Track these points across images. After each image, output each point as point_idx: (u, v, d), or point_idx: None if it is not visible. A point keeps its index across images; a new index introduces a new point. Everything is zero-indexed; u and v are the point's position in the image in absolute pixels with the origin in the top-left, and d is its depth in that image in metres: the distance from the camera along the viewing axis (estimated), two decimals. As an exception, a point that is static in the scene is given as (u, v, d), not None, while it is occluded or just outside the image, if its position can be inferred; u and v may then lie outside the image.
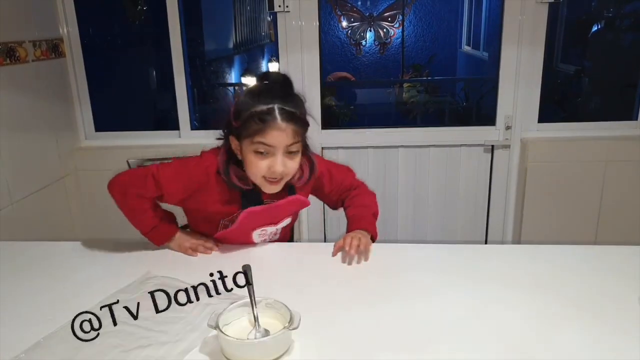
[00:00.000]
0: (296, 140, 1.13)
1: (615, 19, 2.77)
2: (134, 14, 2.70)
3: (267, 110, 1.10)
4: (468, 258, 1.20)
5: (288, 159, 1.14)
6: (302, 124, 1.14)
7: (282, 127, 1.10)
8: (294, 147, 1.14)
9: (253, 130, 1.11)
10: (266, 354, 0.82)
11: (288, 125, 1.11)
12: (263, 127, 1.10)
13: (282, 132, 1.10)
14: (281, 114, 1.10)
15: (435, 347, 0.86)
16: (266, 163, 1.13)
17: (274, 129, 1.10)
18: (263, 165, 1.13)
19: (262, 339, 0.82)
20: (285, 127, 1.10)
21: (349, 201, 1.36)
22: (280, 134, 1.10)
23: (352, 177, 1.38)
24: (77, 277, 1.13)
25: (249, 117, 1.11)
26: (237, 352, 0.82)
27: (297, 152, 1.16)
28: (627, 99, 2.44)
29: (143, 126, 2.66)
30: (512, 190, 2.41)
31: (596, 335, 0.88)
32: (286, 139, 1.11)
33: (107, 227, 2.46)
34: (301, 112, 1.15)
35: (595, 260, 1.17)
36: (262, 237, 1.29)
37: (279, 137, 1.10)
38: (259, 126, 1.10)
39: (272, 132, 1.10)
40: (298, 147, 1.15)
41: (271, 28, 3.88)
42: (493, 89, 2.37)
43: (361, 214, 1.32)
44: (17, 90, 2.03)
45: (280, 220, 1.28)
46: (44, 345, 0.88)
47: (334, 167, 1.35)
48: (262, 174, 1.14)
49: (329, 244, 1.26)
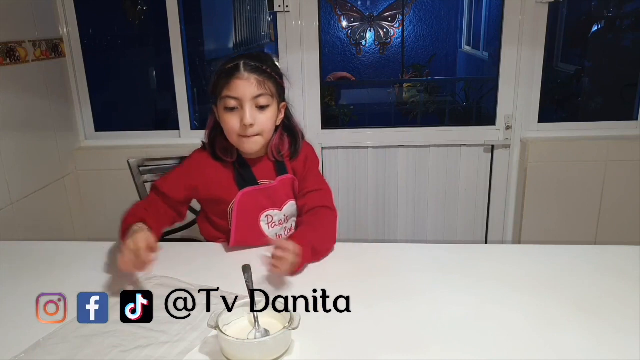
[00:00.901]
0: (264, 92, 1.17)
1: (615, 19, 2.77)
2: (134, 14, 2.70)
3: (232, 66, 1.17)
4: (468, 258, 1.20)
5: (259, 112, 1.18)
6: (267, 76, 1.18)
7: (244, 77, 1.15)
8: (263, 99, 1.17)
9: (221, 87, 1.17)
10: (266, 354, 0.82)
11: (251, 74, 1.15)
12: (228, 80, 1.16)
13: (245, 81, 1.15)
14: (245, 65, 1.16)
15: (435, 347, 0.86)
16: (237, 118, 1.17)
17: (237, 79, 1.15)
18: (235, 121, 1.17)
19: (262, 339, 0.82)
20: (248, 76, 1.15)
21: (312, 216, 1.25)
22: (244, 83, 1.15)
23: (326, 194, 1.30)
24: (77, 277, 1.13)
25: (218, 77, 1.19)
26: (237, 353, 0.82)
27: (267, 107, 1.19)
28: (627, 99, 2.44)
29: (143, 126, 2.66)
30: (512, 190, 2.41)
31: (596, 335, 0.88)
32: (251, 88, 1.15)
33: (107, 227, 2.47)
34: (268, 66, 1.19)
35: (595, 260, 1.17)
36: (272, 226, 1.28)
37: (243, 86, 1.15)
38: (225, 81, 1.16)
39: (236, 82, 1.15)
40: (268, 100, 1.18)
41: (271, 28, 3.87)
42: (493, 89, 2.37)
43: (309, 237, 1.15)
44: (17, 90, 2.03)
45: (283, 203, 1.28)
46: (44, 345, 0.88)
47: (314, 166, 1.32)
48: (236, 131, 1.18)
49: (329, 244, 1.26)
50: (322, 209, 1.26)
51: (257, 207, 1.25)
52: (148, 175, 1.59)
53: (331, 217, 1.26)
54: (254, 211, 1.25)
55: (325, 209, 1.26)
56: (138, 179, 1.58)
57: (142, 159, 1.60)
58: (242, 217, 1.23)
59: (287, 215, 1.30)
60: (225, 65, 1.18)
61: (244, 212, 1.23)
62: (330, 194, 1.31)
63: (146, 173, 1.59)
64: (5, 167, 1.95)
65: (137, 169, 1.58)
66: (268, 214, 1.26)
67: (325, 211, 1.26)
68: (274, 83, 1.20)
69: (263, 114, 1.19)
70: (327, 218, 1.25)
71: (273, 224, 1.28)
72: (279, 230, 1.30)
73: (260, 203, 1.25)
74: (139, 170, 1.58)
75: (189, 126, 2.45)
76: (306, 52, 2.28)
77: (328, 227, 1.23)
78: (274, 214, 1.27)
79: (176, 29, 2.32)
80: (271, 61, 1.22)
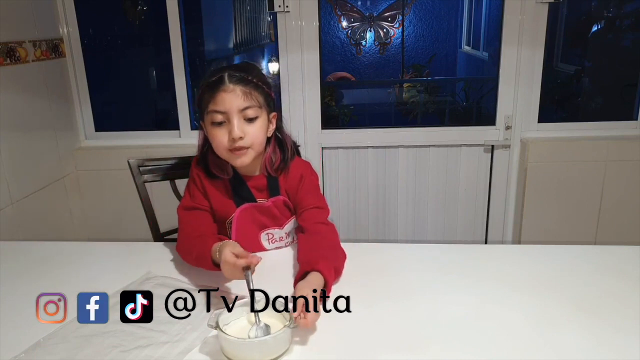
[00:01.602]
0: (251, 103, 1.11)
1: (615, 19, 2.77)
2: (134, 14, 2.70)
3: (216, 79, 1.11)
4: (468, 258, 1.20)
5: (247, 125, 1.12)
6: (254, 86, 1.12)
7: (229, 89, 1.10)
8: (250, 111, 1.12)
9: (206, 102, 1.12)
10: (267, 353, 0.82)
11: (236, 86, 1.10)
12: (213, 94, 1.11)
13: (231, 93, 1.10)
14: (229, 77, 1.11)
15: (435, 347, 0.86)
16: (225, 132, 1.12)
17: (222, 91, 1.10)
18: (222, 136, 1.12)
19: (263, 338, 0.83)
20: (233, 88, 1.10)
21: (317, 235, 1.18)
22: (229, 96, 1.10)
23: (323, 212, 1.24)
24: (77, 277, 1.13)
25: (202, 91, 1.13)
26: (237, 352, 0.82)
27: (256, 119, 1.13)
28: (627, 99, 2.44)
29: (143, 126, 2.66)
30: (512, 190, 2.41)
31: (596, 335, 0.88)
32: (237, 100, 1.10)
33: (107, 227, 2.47)
34: (253, 76, 1.13)
35: (595, 260, 1.17)
36: (272, 242, 1.27)
37: (229, 98, 1.10)
38: (210, 94, 1.11)
39: (221, 95, 1.10)
40: (256, 112, 1.13)
41: (271, 28, 3.87)
42: (493, 89, 2.37)
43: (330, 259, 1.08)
44: (17, 90, 2.03)
45: (283, 221, 1.26)
46: (44, 345, 0.88)
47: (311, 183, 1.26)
48: (225, 146, 1.13)
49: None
50: (320, 225, 1.20)
51: (257, 224, 1.24)
52: (148, 175, 1.59)
53: (333, 232, 1.21)
54: (253, 228, 1.24)
55: (323, 225, 1.21)
56: (138, 179, 1.58)
57: (142, 159, 1.60)
58: (241, 233, 1.22)
59: (289, 232, 1.28)
60: (209, 78, 1.13)
61: (243, 228, 1.22)
62: (327, 213, 1.25)
63: (146, 173, 1.59)
64: (5, 167, 1.95)
65: (137, 169, 1.58)
66: (269, 232, 1.26)
67: (324, 227, 1.20)
68: (262, 93, 1.14)
69: (252, 125, 1.13)
70: (331, 233, 1.20)
71: (274, 240, 1.28)
72: (280, 244, 1.29)
73: (260, 220, 1.23)
74: (139, 170, 1.58)
75: (189, 126, 2.45)
76: (306, 52, 2.28)
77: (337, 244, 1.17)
78: (274, 232, 1.26)
79: (176, 29, 2.32)
80: (257, 71, 1.18)
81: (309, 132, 2.38)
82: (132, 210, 1.85)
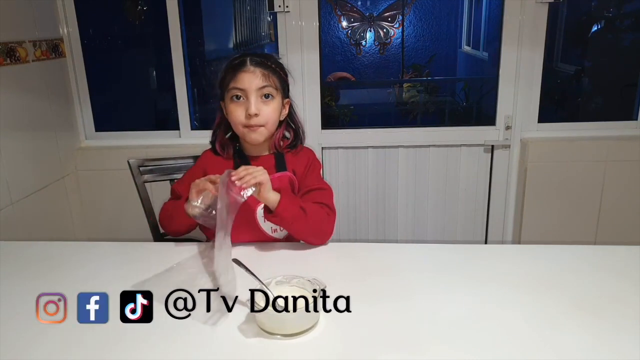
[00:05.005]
0: (268, 83, 1.23)
1: (615, 19, 2.77)
2: (134, 14, 2.70)
3: (239, 61, 1.24)
4: (468, 258, 1.20)
5: (263, 104, 1.24)
6: (272, 70, 1.25)
7: (250, 70, 1.23)
8: (267, 90, 1.24)
9: (228, 81, 1.24)
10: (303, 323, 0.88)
11: (257, 68, 1.23)
12: (235, 73, 1.23)
13: (251, 74, 1.22)
14: (251, 60, 1.24)
15: (435, 347, 0.86)
16: (242, 108, 1.23)
17: (243, 72, 1.23)
18: (240, 111, 1.23)
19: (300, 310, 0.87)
20: (253, 69, 1.23)
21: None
22: (249, 76, 1.22)
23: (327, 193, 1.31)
24: (77, 277, 1.13)
25: (225, 72, 1.26)
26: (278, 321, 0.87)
27: (272, 99, 1.25)
28: (627, 99, 2.44)
29: (143, 126, 2.65)
30: (512, 190, 2.41)
31: (596, 335, 0.88)
32: (256, 80, 1.22)
33: (107, 227, 2.47)
34: (272, 62, 1.27)
35: (595, 260, 1.17)
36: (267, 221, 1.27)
37: (249, 78, 1.22)
38: (232, 74, 1.24)
39: (242, 75, 1.22)
40: (272, 92, 1.25)
41: (271, 28, 3.87)
42: (493, 89, 2.37)
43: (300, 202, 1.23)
44: (17, 90, 2.03)
45: None
46: (44, 345, 0.88)
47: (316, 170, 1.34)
48: (241, 122, 1.24)
49: (330, 244, 1.26)
50: (322, 205, 1.26)
51: (254, 200, 1.24)
52: (148, 175, 1.59)
53: (330, 217, 1.25)
54: (250, 204, 1.25)
55: (324, 207, 1.26)
56: (138, 179, 1.58)
57: (142, 159, 1.60)
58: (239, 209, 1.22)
59: None
60: (233, 61, 1.25)
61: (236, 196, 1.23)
62: (331, 194, 1.31)
63: (146, 173, 1.59)
64: (6, 167, 1.95)
65: (137, 169, 1.58)
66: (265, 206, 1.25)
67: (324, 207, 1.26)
68: (279, 78, 1.27)
69: (267, 105, 1.24)
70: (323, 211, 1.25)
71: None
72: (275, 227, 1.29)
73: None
74: (139, 170, 1.58)
75: (189, 126, 2.45)
76: (306, 52, 2.28)
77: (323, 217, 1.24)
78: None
79: (176, 29, 2.32)
80: (276, 59, 1.30)
81: (309, 132, 2.36)
82: (132, 210, 1.85)
